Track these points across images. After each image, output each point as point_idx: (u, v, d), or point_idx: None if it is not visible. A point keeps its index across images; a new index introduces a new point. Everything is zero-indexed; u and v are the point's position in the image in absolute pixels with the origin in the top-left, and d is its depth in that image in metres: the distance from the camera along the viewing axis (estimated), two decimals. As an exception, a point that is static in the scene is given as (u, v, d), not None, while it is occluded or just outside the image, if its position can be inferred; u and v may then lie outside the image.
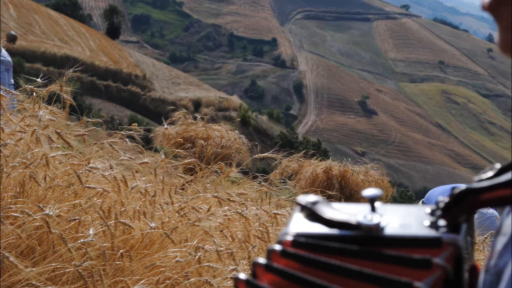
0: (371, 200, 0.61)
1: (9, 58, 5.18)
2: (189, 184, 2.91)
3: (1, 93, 2.44)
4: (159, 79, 51.53)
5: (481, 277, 0.59)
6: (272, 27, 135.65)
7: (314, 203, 0.62)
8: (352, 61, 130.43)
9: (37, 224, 1.92)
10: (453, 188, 0.60)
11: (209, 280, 1.87)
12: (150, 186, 2.43)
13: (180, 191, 2.80)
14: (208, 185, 2.89)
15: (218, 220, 2.33)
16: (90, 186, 2.21)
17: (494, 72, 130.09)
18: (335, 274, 0.55)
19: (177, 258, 1.97)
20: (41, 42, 41.96)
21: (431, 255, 0.54)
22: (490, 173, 0.59)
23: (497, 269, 0.55)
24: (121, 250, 1.97)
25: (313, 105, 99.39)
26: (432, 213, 0.60)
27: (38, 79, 2.53)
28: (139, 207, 2.25)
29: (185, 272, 1.91)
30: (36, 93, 2.49)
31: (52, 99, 2.59)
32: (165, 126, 4.76)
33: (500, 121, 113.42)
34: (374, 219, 0.57)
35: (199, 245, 2.05)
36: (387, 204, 0.63)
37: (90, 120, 2.61)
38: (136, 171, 2.54)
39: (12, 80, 5.12)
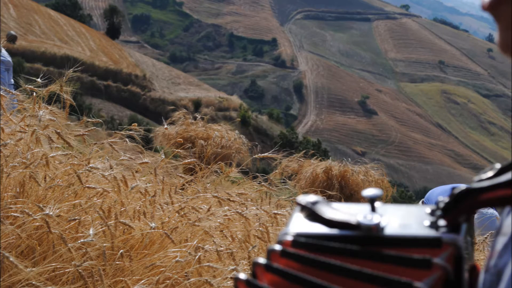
0: (371, 200, 0.61)
1: (9, 58, 5.19)
2: (189, 184, 2.91)
3: (1, 93, 2.44)
4: (159, 79, 51.55)
5: (481, 277, 0.59)
6: (272, 27, 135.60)
7: (314, 203, 0.62)
8: (352, 61, 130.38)
9: (37, 224, 1.92)
10: (453, 188, 0.60)
11: (209, 280, 1.87)
12: (150, 186, 2.43)
13: (180, 191, 2.80)
14: (208, 185, 2.89)
15: (218, 220, 2.33)
16: (90, 186, 2.20)
17: (494, 72, 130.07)
18: (335, 274, 0.55)
19: (177, 258, 1.97)
20: (41, 42, 41.95)
21: (431, 255, 0.54)
22: (490, 173, 0.59)
23: (497, 269, 0.55)
24: (121, 250, 1.97)
25: (313, 105, 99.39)
26: (432, 213, 0.60)
27: (38, 79, 2.53)
28: (139, 207, 2.25)
29: (185, 272, 1.91)
30: (36, 93, 2.49)
31: (52, 99, 2.59)
32: (165, 126, 4.76)
33: (500, 121, 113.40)
34: (374, 219, 0.57)
35: (199, 245, 2.05)
36: (387, 204, 0.63)
37: (90, 120, 2.61)
38: (136, 171, 2.54)
39: (12, 80, 5.13)
